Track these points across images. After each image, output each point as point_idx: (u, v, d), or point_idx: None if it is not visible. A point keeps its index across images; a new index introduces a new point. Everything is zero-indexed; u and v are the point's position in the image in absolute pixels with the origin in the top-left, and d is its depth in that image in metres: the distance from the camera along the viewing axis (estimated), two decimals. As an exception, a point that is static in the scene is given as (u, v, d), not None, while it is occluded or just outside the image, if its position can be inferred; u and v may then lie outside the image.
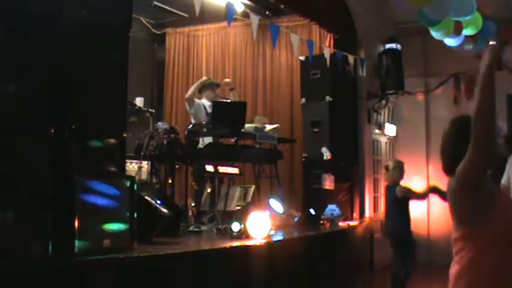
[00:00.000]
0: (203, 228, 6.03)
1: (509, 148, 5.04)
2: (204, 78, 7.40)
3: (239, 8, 7.29)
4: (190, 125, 7.04)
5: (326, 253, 6.25)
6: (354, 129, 8.94)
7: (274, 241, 5.36)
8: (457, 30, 6.63)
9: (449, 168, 2.39)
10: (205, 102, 7.19)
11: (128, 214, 3.96)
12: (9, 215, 3.46)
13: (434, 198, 6.44)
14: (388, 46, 9.36)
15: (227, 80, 7.91)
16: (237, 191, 7.26)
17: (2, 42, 3.61)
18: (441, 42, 7.17)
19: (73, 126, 3.66)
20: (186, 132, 6.85)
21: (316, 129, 8.06)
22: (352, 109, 8.86)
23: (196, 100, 7.20)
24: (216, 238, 5.57)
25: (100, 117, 3.92)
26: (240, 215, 5.62)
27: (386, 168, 6.74)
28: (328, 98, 8.08)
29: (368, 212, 8.89)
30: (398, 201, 6.42)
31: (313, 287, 5.71)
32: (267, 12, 8.52)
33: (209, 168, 6.37)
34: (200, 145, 6.93)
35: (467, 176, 2.26)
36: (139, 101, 7.56)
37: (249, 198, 7.09)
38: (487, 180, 2.30)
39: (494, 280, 2.26)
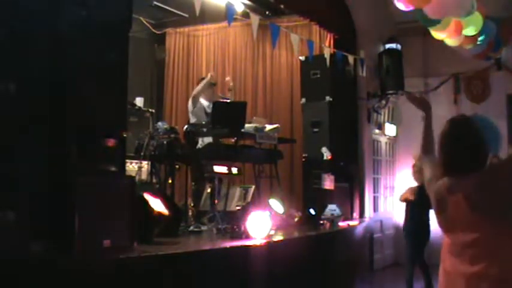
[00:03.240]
0: (203, 228, 6.03)
1: None
2: (209, 76, 7.35)
3: (239, 8, 7.28)
4: (187, 125, 7.03)
5: (326, 253, 6.25)
6: (354, 129, 8.93)
7: (274, 241, 5.36)
8: (457, 30, 6.62)
9: (475, 165, 2.45)
10: (204, 102, 7.19)
11: (128, 214, 3.96)
12: (9, 215, 3.46)
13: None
14: (388, 46, 9.36)
15: (228, 79, 7.91)
16: (237, 191, 7.26)
17: (2, 42, 3.61)
18: (441, 42, 7.17)
19: (73, 126, 3.66)
20: (184, 132, 6.84)
21: (316, 129, 8.05)
22: (352, 109, 8.86)
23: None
24: (216, 238, 5.56)
25: (100, 117, 3.92)
26: (240, 215, 5.62)
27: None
28: (328, 98, 8.07)
29: (368, 212, 8.89)
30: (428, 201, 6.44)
31: (313, 287, 5.71)
32: (267, 12, 8.52)
33: (217, 168, 6.35)
34: (199, 145, 6.93)
35: None
36: (139, 101, 7.57)
37: (249, 198, 7.09)
38: None
39: None
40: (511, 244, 2.34)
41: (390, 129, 10.09)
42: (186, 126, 6.92)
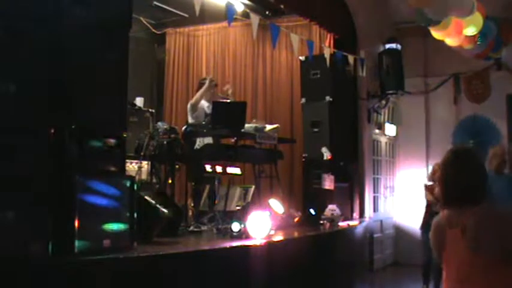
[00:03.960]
0: (203, 228, 6.03)
1: None
2: (208, 82, 7.27)
3: (239, 8, 7.28)
4: (186, 126, 7.02)
5: (326, 253, 6.25)
6: (354, 129, 8.93)
7: (274, 241, 5.36)
8: (457, 30, 6.63)
9: (473, 197, 2.44)
10: (204, 102, 7.19)
11: (128, 214, 3.96)
12: (9, 215, 3.46)
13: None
14: (388, 46, 9.36)
15: (227, 88, 7.76)
16: (237, 191, 7.25)
17: (2, 42, 3.61)
18: (441, 42, 7.17)
19: (73, 126, 3.66)
20: (183, 132, 6.83)
21: (316, 129, 8.05)
22: (352, 109, 8.86)
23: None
24: (216, 238, 5.56)
25: (100, 117, 3.92)
26: (240, 215, 5.62)
27: None
28: (328, 98, 8.07)
29: (368, 212, 8.89)
30: None
31: (313, 287, 5.71)
32: (267, 12, 8.52)
33: (207, 168, 6.35)
34: (197, 146, 6.92)
35: None
36: (139, 101, 7.58)
37: (249, 198, 7.09)
38: None
39: None
40: (501, 283, 2.34)
41: (390, 129, 10.09)
42: (186, 127, 6.92)
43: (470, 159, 2.53)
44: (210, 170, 6.27)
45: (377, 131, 9.67)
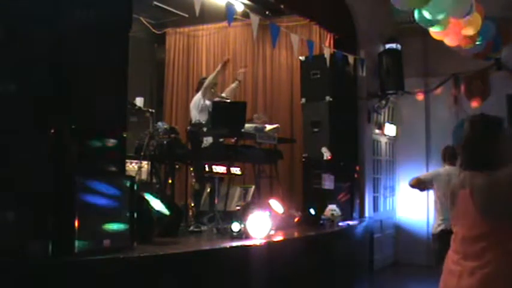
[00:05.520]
0: (203, 228, 6.03)
1: None
2: (220, 65, 7.39)
3: (239, 8, 7.28)
4: (190, 125, 7.03)
5: (326, 253, 6.25)
6: (354, 129, 8.94)
7: (274, 241, 5.36)
8: (456, 30, 6.62)
9: (483, 164, 2.51)
10: (208, 102, 7.19)
11: (128, 214, 3.96)
12: (9, 215, 3.46)
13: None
14: (388, 46, 9.37)
15: (242, 70, 7.89)
16: (237, 191, 7.26)
17: (2, 42, 3.61)
18: (441, 42, 7.17)
19: (73, 126, 3.66)
20: (187, 132, 6.84)
21: (316, 129, 8.06)
22: (352, 109, 8.86)
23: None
24: (216, 238, 5.57)
25: (100, 117, 3.93)
26: (240, 215, 5.62)
27: None
28: (328, 98, 8.08)
29: (368, 212, 8.89)
30: None
31: (313, 287, 5.71)
32: (267, 12, 8.52)
33: (213, 168, 6.35)
34: (204, 145, 6.92)
35: None
36: (139, 101, 7.57)
37: (249, 198, 7.10)
38: None
39: None
40: (503, 245, 2.39)
41: (390, 129, 10.09)
42: (190, 127, 6.93)
43: (491, 128, 2.60)
44: (215, 170, 6.27)
45: (377, 131, 9.67)
